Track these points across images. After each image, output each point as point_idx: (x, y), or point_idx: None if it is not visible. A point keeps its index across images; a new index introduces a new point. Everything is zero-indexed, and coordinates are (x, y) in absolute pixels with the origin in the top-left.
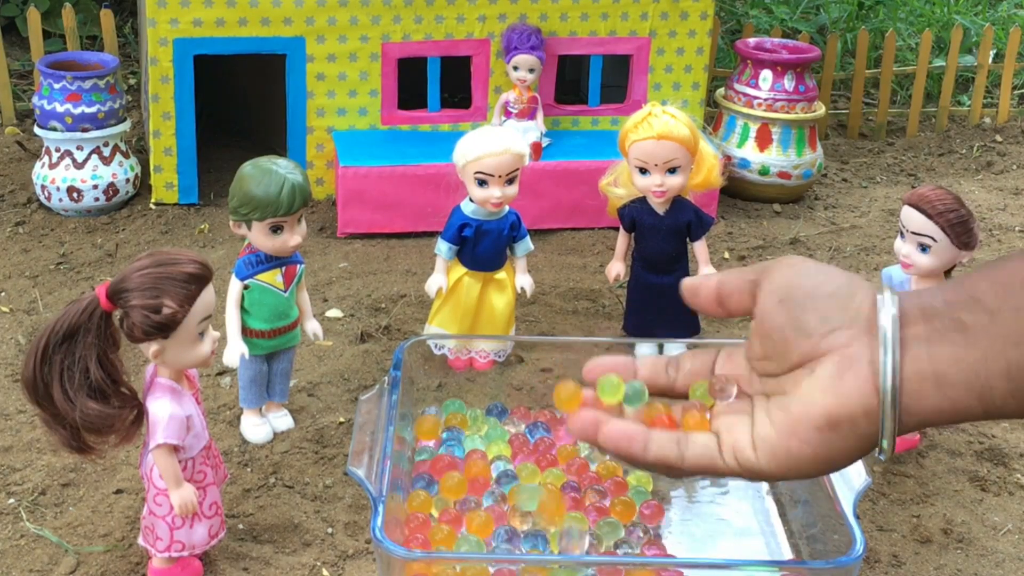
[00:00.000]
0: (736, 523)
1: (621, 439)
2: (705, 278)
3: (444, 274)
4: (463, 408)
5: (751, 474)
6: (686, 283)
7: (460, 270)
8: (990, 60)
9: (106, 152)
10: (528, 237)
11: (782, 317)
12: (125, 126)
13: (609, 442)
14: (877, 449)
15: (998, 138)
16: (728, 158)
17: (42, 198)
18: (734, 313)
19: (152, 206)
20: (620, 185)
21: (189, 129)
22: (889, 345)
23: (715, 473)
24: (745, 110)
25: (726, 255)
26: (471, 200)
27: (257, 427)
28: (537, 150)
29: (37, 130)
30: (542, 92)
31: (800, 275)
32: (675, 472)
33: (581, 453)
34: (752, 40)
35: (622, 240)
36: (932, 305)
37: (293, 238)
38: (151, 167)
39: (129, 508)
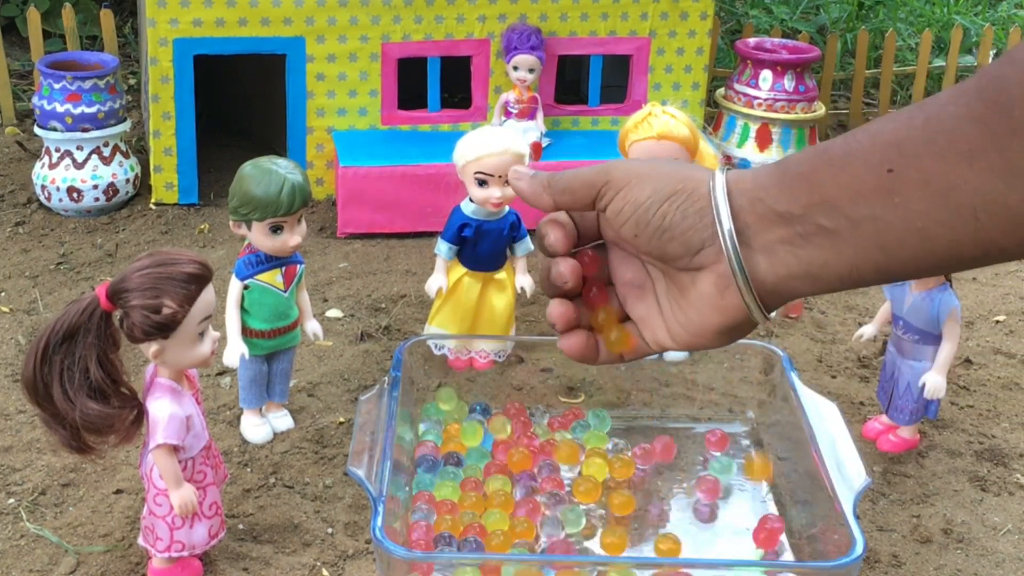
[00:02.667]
0: (736, 523)
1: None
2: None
3: (444, 274)
4: (454, 397)
5: (665, 350)
6: (512, 172)
7: (460, 270)
8: (990, 60)
9: (106, 152)
10: (528, 237)
11: (643, 246)
12: (125, 126)
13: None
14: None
15: None
16: (728, 158)
17: (42, 198)
18: (566, 206)
19: (152, 206)
20: None
21: (189, 129)
22: (734, 260)
23: (640, 355)
24: (745, 110)
25: None
26: (471, 200)
27: (257, 427)
28: (537, 150)
29: (37, 130)
30: (542, 92)
31: (641, 197)
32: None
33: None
34: (752, 40)
35: None
36: (789, 210)
37: (293, 238)
38: (151, 167)
39: (129, 508)
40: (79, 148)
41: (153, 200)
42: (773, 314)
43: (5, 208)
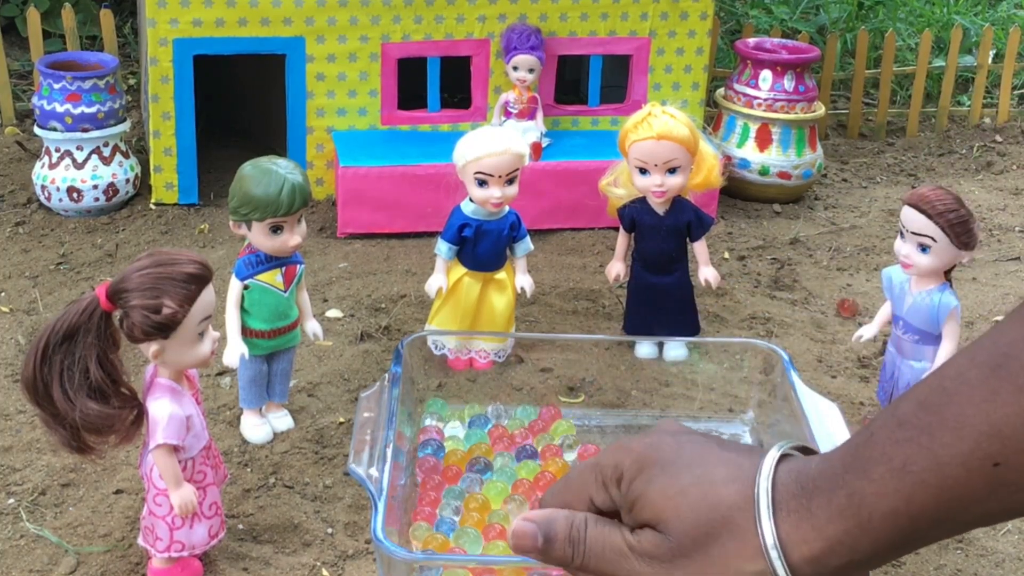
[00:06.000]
0: None
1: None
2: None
3: (444, 274)
4: (445, 408)
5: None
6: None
7: (460, 270)
8: (990, 60)
9: (106, 152)
10: (528, 237)
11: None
12: (125, 126)
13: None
14: None
15: (998, 138)
16: (728, 158)
17: (42, 198)
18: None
19: (152, 206)
20: (620, 185)
21: (189, 129)
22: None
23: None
24: (745, 110)
25: (726, 255)
26: (471, 200)
27: (257, 427)
28: (537, 150)
29: (37, 130)
30: (542, 92)
31: (678, 488)
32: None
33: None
34: (752, 40)
35: (622, 240)
36: (813, 485)
37: (293, 238)
38: (151, 167)
39: (129, 508)
40: (79, 148)
41: (153, 200)
42: None
43: (5, 208)
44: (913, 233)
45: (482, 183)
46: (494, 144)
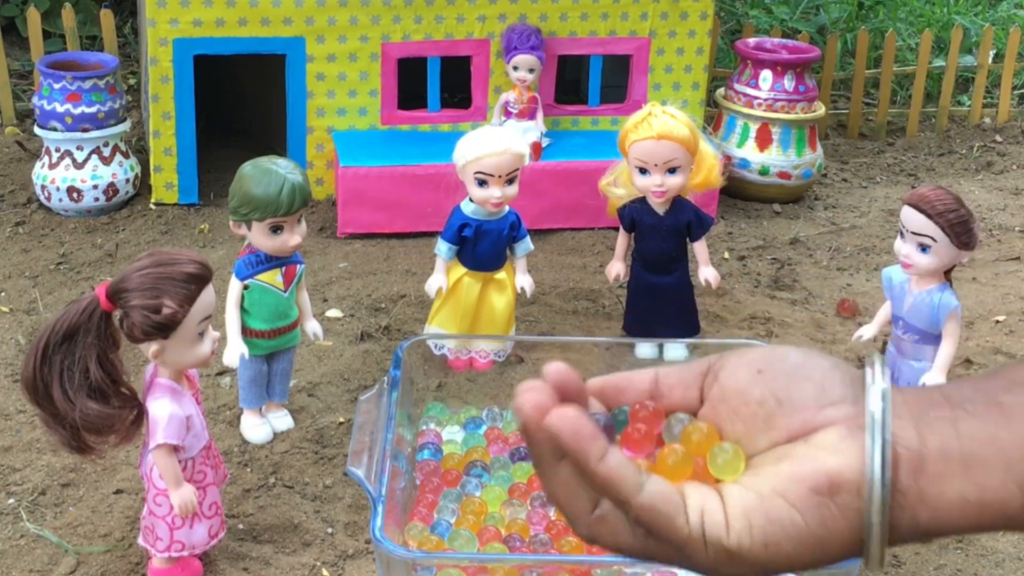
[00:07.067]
0: None
1: (571, 428)
2: (629, 376)
3: (444, 274)
4: (444, 412)
5: (711, 550)
6: (597, 384)
7: (460, 270)
8: (990, 60)
9: (106, 152)
10: (528, 237)
11: (762, 388)
12: (125, 126)
13: (559, 428)
14: (864, 558)
15: (998, 138)
16: (728, 158)
17: (42, 198)
18: (669, 410)
19: (152, 206)
20: (620, 185)
21: (189, 129)
22: (878, 424)
23: (668, 531)
24: (745, 110)
25: (726, 255)
26: (471, 200)
27: (257, 427)
28: (537, 150)
29: (37, 130)
30: (542, 92)
31: (780, 351)
32: (621, 503)
33: None
34: (752, 40)
35: (622, 240)
36: (959, 392)
37: (293, 238)
38: (151, 167)
39: (129, 508)
40: (79, 148)
41: (153, 200)
42: (872, 546)
43: (5, 208)
44: (913, 233)
45: (482, 183)
46: (494, 144)
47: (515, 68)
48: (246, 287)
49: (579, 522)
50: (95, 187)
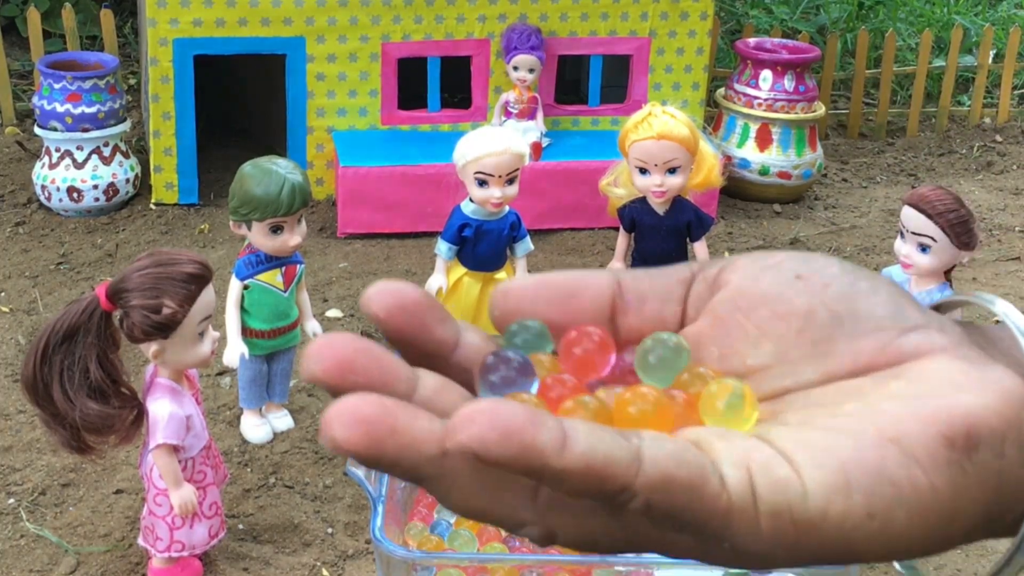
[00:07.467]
0: None
1: (500, 433)
2: (580, 277)
3: (444, 274)
4: None
5: (771, 523)
6: (529, 287)
7: (460, 270)
8: (990, 60)
9: (106, 152)
10: (528, 237)
11: (808, 297)
12: (125, 126)
13: (487, 442)
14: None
15: (998, 138)
16: (728, 158)
17: (42, 198)
18: (634, 334)
19: (152, 206)
20: (620, 185)
21: (189, 129)
22: None
23: (697, 510)
24: (745, 110)
25: (726, 255)
26: (471, 200)
27: (257, 427)
28: (537, 150)
29: (37, 130)
30: (542, 92)
31: (819, 259)
32: (616, 495)
33: None
34: (752, 40)
35: (622, 240)
36: None
37: (293, 238)
38: (151, 167)
39: (129, 508)
40: (79, 148)
41: (153, 200)
42: None
43: (5, 208)
44: (913, 233)
45: (482, 183)
46: (494, 144)
47: (515, 68)
48: (246, 287)
49: (516, 517)
50: (95, 187)
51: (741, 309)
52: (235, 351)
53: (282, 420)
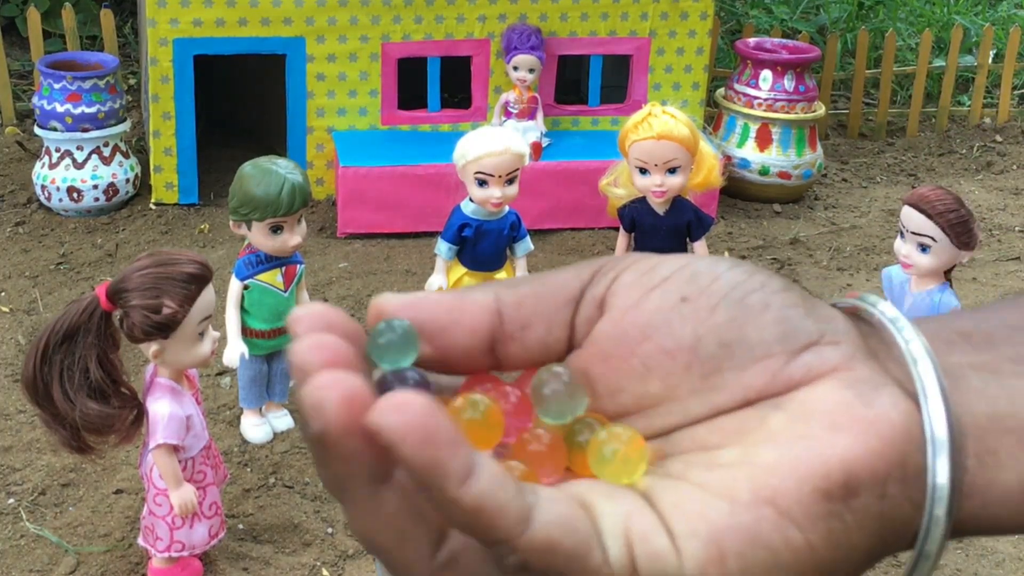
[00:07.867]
0: None
1: (419, 433)
2: (456, 301)
3: (444, 274)
4: None
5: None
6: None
7: (460, 270)
8: (990, 60)
9: (106, 152)
10: (528, 237)
11: (693, 325)
12: (125, 126)
13: (398, 434)
14: (914, 553)
15: (998, 138)
16: (728, 158)
17: (42, 198)
18: (520, 360)
19: (152, 206)
20: (620, 185)
21: (189, 129)
22: (932, 383)
23: (578, 567)
24: (745, 110)
25: (726, 255)
26: (471, 200)
27: (257, 427)
28: (537, 150)
29: (37, 130)
30: (542, 92)
31: (703, 268)
32: (497, 542)
33: None
34: (752, 40)
35: (622, 240)
36: (983, 328)
37: (293, 238)
38: (151, 167)
39: (129, 508)
40: (79, 148)
41: (153, 200)
42: (931, 540)
43: (5, 208)
44: (913, 233)
45: (482, 183)
46: (494, 144)
47: (515, 68)
48: (246, 287)
49: (412, 566)
50: (95, 187)
51: (626, 343)
52: (235, 351)
53: (282, 420)
